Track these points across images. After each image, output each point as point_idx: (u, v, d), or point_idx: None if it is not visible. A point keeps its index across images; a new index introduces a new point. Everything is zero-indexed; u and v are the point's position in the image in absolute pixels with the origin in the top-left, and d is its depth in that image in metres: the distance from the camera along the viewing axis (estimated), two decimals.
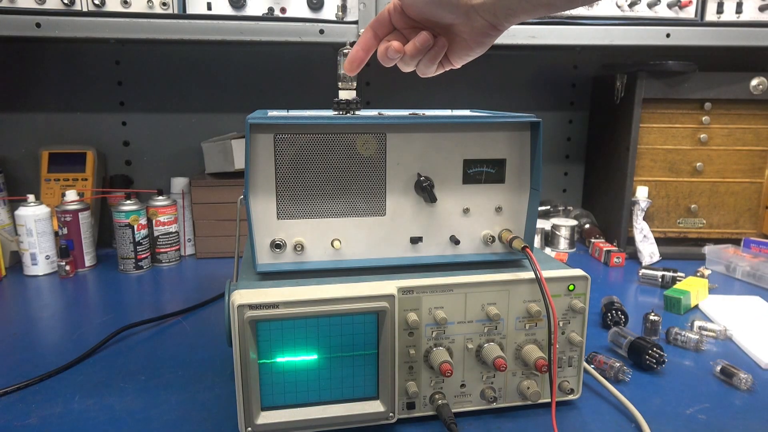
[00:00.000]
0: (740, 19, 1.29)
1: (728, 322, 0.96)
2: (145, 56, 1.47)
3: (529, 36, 1.23)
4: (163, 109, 1.50)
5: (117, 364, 0.84)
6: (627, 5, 1.26)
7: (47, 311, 1.05)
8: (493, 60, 1.59)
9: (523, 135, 0.72)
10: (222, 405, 0.72)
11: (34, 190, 1.28)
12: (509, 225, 0.74)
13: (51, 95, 1.45)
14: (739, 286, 1.20)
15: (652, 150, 1.36)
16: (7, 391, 0.75)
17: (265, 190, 0.67)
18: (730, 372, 0.78)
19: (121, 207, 1.25)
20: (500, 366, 0.65)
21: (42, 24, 1.09)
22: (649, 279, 1.20)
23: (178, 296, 1.13)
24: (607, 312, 0.96)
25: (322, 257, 0.71)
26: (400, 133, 0.69)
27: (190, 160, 1.53)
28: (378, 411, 0.65)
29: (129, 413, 0.70)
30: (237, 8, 1.17)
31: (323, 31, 1.17)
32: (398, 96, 1.57)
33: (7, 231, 1.32)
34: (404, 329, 0.65)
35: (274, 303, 0.60)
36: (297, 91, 1.53)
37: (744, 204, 1.38)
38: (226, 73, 1.50)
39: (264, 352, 0.62)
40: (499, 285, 0.67)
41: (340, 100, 0.73)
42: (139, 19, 1.12)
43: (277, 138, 0.66)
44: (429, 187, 0.70)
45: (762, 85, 1.30)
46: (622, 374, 0.78)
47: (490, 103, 1.61)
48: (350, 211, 0.70)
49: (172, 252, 1.33)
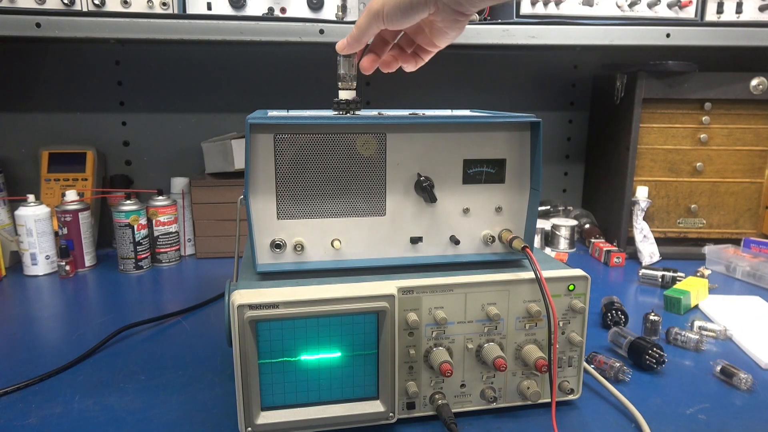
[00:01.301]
0: (740, 19, 1.29)
1: (728, 322, 0.96)
2: (145, 56, 1.47)
3: (529, 36, 1.23)
4: (163, 109, 1.51)
5: (117, 364, 0.84)
6: (627, 5, 1.26)
7: (47, 311, 1.05)
8: (493, 60, 1.59)
9: (523, 135, 0.72)
10: (222, 405, 0.72)
11: (34, 190, 1.28)
12: (509, 225, 0.74)
13: (51, 95, 1.45)
14: (739, 286, 1.20)
15: (652, 150, 1.36)
16: (7, 391, 0.75)
17: (265, 190, 0.67)
18: (730, 372, 0.78)
19: (121, 207, 1.26)
20: (500, 366, 0.65)
21: (42, 24, 1.09)
22: (649, 279, 1.20)
23: (178, 296, 1.13)
24: (607, 312, 0.96)
25: (322, 257, 0.71)
26: (400, 133, 0.69)
27: (190, 160, 1.53)
28: (378, 411, 0.65)
29: (129, 413, 0.70)
30: (237, 8, 1.18)
31: (323, 31, 1.17)
32: (398, 96, 1.57)
33: (7, 231, 1.32)
34: (404, 329, 0.65)
35: (274, 303, 0.60)
36: (297, 91, 1.54)
37: (744, 204, 1.39)
38: (226, 73, 1.50)
39: (264, 352, 0.62)
40: (499, 285, 0.67)
41: (340, 100, 0.73)
42: (139, 19, 1.12)
43: (277, 138, 0.66)
44: (429, 187, 0.70)
45: (762, 85, 1.30)
46: (622, 374, 0.78)
47: (490, 103, 1.61)
48: (350, 211, 0.70)
49: (172, 252, 1.33)
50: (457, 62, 1.58)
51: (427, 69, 1.65)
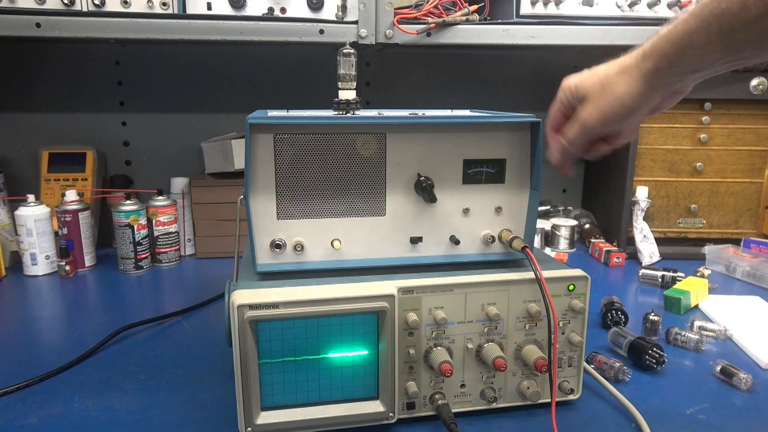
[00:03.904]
0: None
1: (728, 322, 0.96)
2: (145, 56, 1.46)
3: (529, 36, 1.23)
4: (163, 109, 1.50)
5: (117, 364, 0.84)
6: (627, 5, 1.26)
7: (47, 311, 1.05)
8: (493, 60, 1.59)
9: (523, 135, 0.72)
10: (222, 405, 0.72)
11: (34, 190, 1.28)
12: (509, 225, 0.74)
13: (51, 95, 1.45)
14: (739, 286, 1.20)
15: (652, 150, 1.36)
16: (7, 391, 0.75)
17: (265, 190, 0.67)
18: (730, 372, 0.78)
19: (121, 207, 1.25)
20: (500, 366, 0.65)
21: (42, 24, 1.09)
22: (649, 279, 1.20)
23: (178, 296, 1.13)
24: (607, 312, 0.96)
25: (322, 257, 0.71)
26: (400, 133, 0.69)
27: (190, 160, 1.52)
28: (378, 411, 0.65)
29: (129, 413, 0.70)
30: (237, 8, 1.17)
31: (323, 31, 1.17)
32: (398, 96, 1.57)
33: (7, 231, 1.32)
34: (404, 329, 0.65)
35: (274, 303, 0.60)
36: (297, 91, 1.53)
37: (744, 204, 1.38)
38: (226, 73, 1.50)
39: (264, 352, 0.62)
40: (499, 285, 0.67)
41: (340, 100, 0.73)
42: (139, 19, 1.12)
43: (277, 138, 0.66)
44: (429, 187, 0.70)
45: (762, 85, 1.30)
46: (622, 374, 0.78)
47: (490, 103, 1.61)
48: (350, 211, 0.70)
49: (172, 252, 1.33)
50: (457, 62, 1.57)
51: (427, 69, 1.65)
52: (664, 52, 0.55)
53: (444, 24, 1.20)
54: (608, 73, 0.59)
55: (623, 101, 0.58)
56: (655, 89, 0.57)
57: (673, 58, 0.54)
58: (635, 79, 0.57)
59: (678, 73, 0.55)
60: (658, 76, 0.56)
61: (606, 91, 0.58)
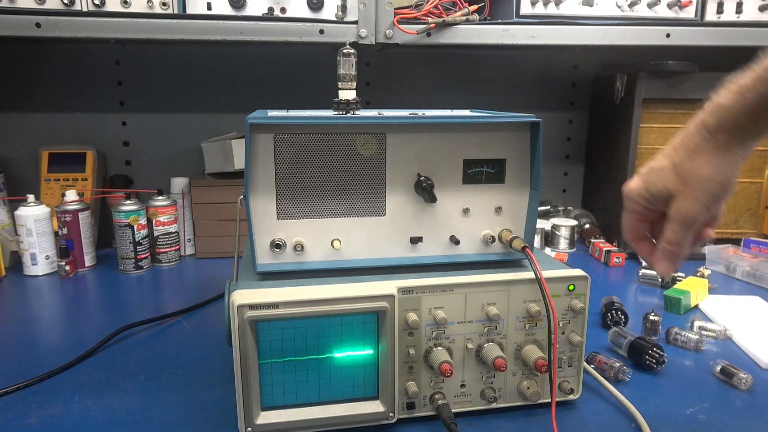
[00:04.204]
0: (740, 19, 1.29)
1: (728, 322, 0.96)
2: (145, 56, 1.46)
3: (529, 36, 1.23)
4: (163, 109, 1.50)
5: (117, 364, 0.84)
6: (627, 5, 1.26)
7: (47, 311, 1.05)
8: (493, 60, 1.59)
9: (523, 135, 0.72)
10: (222, 405, 0.72)
11: (34, 190, 1.28)
12: (509, 225, 0.74)
13: (51, 95, 1.45)
14: (739, 286, 1.20)
15: (652, 150, 1.36)
16: (7, 391, 0.75)
17: (265, 190, 0.67)
18: (730, 372, 0.78)
19: (121, 207, 1.25)
20: (500, 366, 0.65)
21: (42, 24, 1.09)
22: (649, 279, 1.20)
23: (178, 296, 1.13)
24: (607, 312, 0.96)
25: (322, 257, 0.71)
26: (400, 133, 0.69)
27: (190, 160, 1.52)
28: (378, 411, 0.65)
29: (129, 413, 0.70)
30: (237, 8, 1.17)
31: (323, 31, 1.17)
32: (398, 96, 1.57)
33: (7, 231, 1.32)
34: (404, 329, 0.65)
35: (274, 303, 0.60)
36: (297, 91, 1.53)
37: (744, 204, 1.38)
38: (226, 73, 1.50)
39: (264, 352, 0.62)
40: (499, 285, 0.67)
41: (340, 100, 0.73)
42: (139, 19, 1.12)
43: (277, 138, 0.66)
44: (429, 187, 0.70)
45: None
46: (622, 374, 0.78)
47: (490, 103, 1.61)
48: (350, 211, 0.70)
49: (172, 252, 1.33)
50: (457, 62, 1.57)
51: (426, 69, 1.65)
52: (736, 123, 0.54)
53: (444, 24, 1.20)
54: (677, 162, 0.57)
55: (716, 180, 0.56)
56: (739, 154, 0.56)
57: (749, 127, 0.54)
58: (716, 156, 0.55)
59: (756, 136, 0.55)
60: (736, 145, 0.55)
61: (690, 180, 0.56)
